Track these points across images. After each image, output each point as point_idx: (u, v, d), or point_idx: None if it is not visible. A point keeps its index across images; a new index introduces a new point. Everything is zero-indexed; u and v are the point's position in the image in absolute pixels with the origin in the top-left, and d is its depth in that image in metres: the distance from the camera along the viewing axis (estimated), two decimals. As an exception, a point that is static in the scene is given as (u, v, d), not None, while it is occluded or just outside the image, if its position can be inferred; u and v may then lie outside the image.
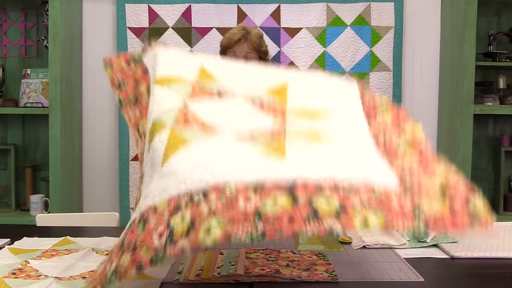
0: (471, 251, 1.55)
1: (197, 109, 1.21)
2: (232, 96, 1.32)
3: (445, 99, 3.00)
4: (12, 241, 1.63)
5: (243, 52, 2.07)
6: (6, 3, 3.12)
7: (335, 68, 3.01)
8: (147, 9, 3.02)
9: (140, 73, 1.46)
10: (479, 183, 3.14)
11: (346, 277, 1.29)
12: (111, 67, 1.47)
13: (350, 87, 1.47)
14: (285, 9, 3.03)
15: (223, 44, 2.13)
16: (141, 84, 1.43)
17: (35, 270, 1.32)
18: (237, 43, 2.08)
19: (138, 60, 1.48)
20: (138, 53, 1.51)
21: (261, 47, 2.12)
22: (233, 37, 2.08)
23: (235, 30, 2.12)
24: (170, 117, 1.17)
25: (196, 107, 1.22)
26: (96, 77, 3.11)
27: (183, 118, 1.17)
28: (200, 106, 1.23)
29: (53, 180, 2.79)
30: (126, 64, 1.47)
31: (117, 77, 1.46)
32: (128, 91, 1.44)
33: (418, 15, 3.06)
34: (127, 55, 1.50)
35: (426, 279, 1.31)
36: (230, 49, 2.09)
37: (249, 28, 2.13)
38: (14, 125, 3.17)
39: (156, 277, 1.26)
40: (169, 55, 1.47)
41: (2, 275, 1.28)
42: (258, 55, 2.12)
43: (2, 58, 3.14)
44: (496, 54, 2.97)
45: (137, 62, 1.48)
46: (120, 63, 1.47)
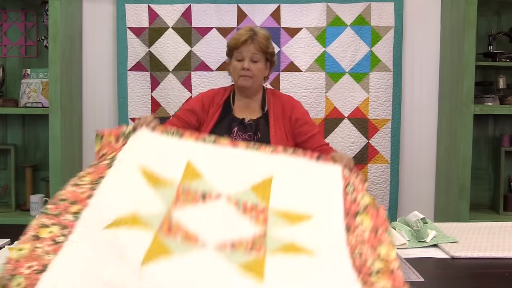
0: (471, 251, 1.55)
1: (181, 217, 1.27)
2: (217, 198, 1.39)
3: (445, 99, 3.00)
4: (12, 241, 1.63)
5: (250, 53, 2.06)
6: (6, 3, 3.12)
7: (335, 68, 3.01)
8: (147, 9, 3.02)
9: (120, 145, 1.59)
10: (479, 183, 3.16)
11: (346, 277, 1.29)
12: (101, 139, 1.62)
13: (334, 180, 1.53)
14: (285, 9, 3.02)
15: (230, 45, 2.12)
16: (112, 153, 1.57)
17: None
18: (244, 44, 2.06)
19: (126, 136, 1.62)
20: (128, 130, 1.64)
21: (268, 49, 2.11)
22: (240, 38, 2.07)
23: (242, 31, 2.10)
24: (154, 222, 1.22)
25: (180, 215, 1.28)
26: (96, 77, 3.11)
27: (167, 226, 1.23)
28: (184, 214, 1.29)
29: (53, 180, 2.79)
30: (115, 140, 1.61)
31: (104, 150, 1.60)
32: (102, 160, 1.58)
33: (418, 15, 3.06)
34: (119, 131, 1.63)
35: (426, 279, 1.31)
36: (237, 49, 2.08)
37: (256, 29, 2.12)
38: (14, 125, 3.17)
39: None
40: (159, 143, 1.60)
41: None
42: (265, 57, 2.11)
43: (2, 58, 3.14)
44: (496, 54, 2.97)
45: (125, 137, 1.62)
46: (110, 138, 1.62)
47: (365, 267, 1.24)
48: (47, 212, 1.30)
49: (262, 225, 1.33)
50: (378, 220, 1.40)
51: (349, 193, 1.50)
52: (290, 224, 1.36)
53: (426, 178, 3.12)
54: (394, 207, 3.06)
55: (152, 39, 3.01)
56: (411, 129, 3.11)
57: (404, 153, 3.11)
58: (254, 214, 1.37)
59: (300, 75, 3.01)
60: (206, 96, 2.22)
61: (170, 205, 1.32)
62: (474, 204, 2.95)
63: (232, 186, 1.46)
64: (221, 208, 1.36)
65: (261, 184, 1.47)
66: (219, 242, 1.22)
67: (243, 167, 1.53)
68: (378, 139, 3.04)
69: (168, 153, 1.56)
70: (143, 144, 1.59)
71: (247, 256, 1.18)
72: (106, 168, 1.49)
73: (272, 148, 1.63)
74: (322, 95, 3.02)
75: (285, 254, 1.22)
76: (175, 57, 3.01)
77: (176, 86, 3.01)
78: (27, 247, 1.17)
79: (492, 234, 1.75)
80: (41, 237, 1.20)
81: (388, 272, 1.24)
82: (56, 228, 1.23)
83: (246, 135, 2.07)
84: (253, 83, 2.10)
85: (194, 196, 1.38)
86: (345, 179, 1.55)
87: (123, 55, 3.02)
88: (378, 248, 1.30)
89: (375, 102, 3.03)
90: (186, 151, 1.57)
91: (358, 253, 1.27)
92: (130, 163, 1.49)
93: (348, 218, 1.40)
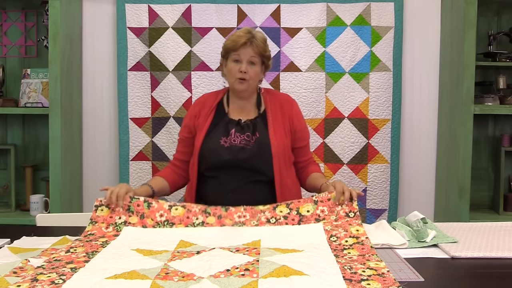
0: (471, 251, 1.55)
1: (177, 266, 1.37)
2: (211, 250, 1.50)
3: (445, 99, 3.00)
4: (12, 241, 1.63)
5: (248, 56, 2.05)
6: (6, 3, 3.12)
7: (335, 68, 3.02)
8: (147, 9, 3.02)
9: (111, 234, 1.69)
10: (479, 183, 3.16)
11: (346, 277, 1.29)
12: (94, 224, 1.75)
13: (318, 233, 1.66)
14: (285, 9, 3.02)
15: (227, 46, 2.09)
16: (103, 238, 1.66)
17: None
18: (243, 46, 2.04)
19: (118, 227, 1.74)
20: (120, 222, 1.75)
21: (265, 52, 2.11)
22: (239, 40, 2.04)
23: (241, 33, 2.08)
24: (151, 274, 1.30)
25: (176, 265, 1.38)
26: (96, 77, 3.11)
27: (164, 273, 1.31)
28: (180, 263, 1.39)
29: (53, 180, 2.80)
30: (105, 227, 1.74)
31: (92, 232, 1.71)
32: (90, 238, 1.67)
33: (418, 15, 3.06)
34: (111, 221, 1.76)
35: (426, 279, 1.31)
36: (235, 52, 2.06)
37: (254, 32, 2.10)
38: (14, 125, 3.17)
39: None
40: (150, 234, 1.70)
41: (3, 274, 1.29)
42: (262, 60, 2.11)
43: (2, 58, 3.14)
44: (496, 54, 2.97)
45: (116, 228, 1.73)
46: (102, 224, 1.75)
47: (356, 275, 1.30)
48: (44, 267, 1.37)
49: (255, 256, 1.44)
50: (365, 251, 1.50)
51: (332, 242, 1.61)
52: (282, 253, 1.47)
53: (426, 178, 3.13)
54: (394, 207, 3.06)
55: (152, 39, 3.01)
56: (411, 129, 3.11)
57: (404, 153, 3.11)
58: (246, 251, 1.49)
59: (300, 75, 3.01)
60: (197, 103, 2.23)
61: (167, 261, 1.42)
62: (474, 204, 2.95)
63: (225, 244, 1.59)
64: (216, 253, 1.47)
65: (251, 244, 1.59)
66: (214, 273, 1.29)
67: (232, 238, 1.65)
68: (378, 139, 3.04)
69: (160, 238, 1.67)
70: (135, 235, 1.69)
71: (240, 282, 1.24)
72: (100, 247, 1.57)
73: (256, 222, 1.75)
74: (322, 95, 3.02)
75: (277, 277, 1.27)
76: (175, 57, 3.01)
77: (176, 86, 3.02)
78: (26, 285, 1.23)
79: (492, 234, 1.75)
80: (40, 279, 1.27)
81: (378, 276, 1.29)
82: (54, 275, 1.31)
83: (244, 136, 2.06)
84: (249, 86, 2.09)
85: (189, 254, 1.49)
86: (327, 232, 1.67)
87: (123, 55, 3.03)
88: (367, 262, 1.40)
89: (375, 102, 3.03)
90: (178, 235, 1.69)
91: (348, 267, 1.36)
92: (123, 246, 1.57)
93: (335, 252, 1.51)
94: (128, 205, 1.80)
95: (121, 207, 1.78)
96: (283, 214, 1.77)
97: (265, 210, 1.78)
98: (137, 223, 1.76)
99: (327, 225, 1.71)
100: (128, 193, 1.82)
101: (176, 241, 1.62)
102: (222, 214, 1.78)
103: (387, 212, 3.06)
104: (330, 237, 1.63)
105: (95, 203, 1.81)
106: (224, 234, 1.68)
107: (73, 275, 1.30)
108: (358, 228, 1.66)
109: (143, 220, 1.77)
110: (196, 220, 1.76)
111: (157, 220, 1.77)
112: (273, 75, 3.00)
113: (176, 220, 1.76)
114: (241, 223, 1.75)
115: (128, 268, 1.34)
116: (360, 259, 1.43)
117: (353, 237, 1.60)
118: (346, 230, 1.66)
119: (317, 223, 1.73)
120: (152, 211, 1.79)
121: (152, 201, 1.81)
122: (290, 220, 1.75)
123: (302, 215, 1.76)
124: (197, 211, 1.78)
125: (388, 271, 1.32)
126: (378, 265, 1.38)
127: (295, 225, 1.73)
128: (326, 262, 1.39)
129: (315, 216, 1.76)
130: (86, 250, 1.51)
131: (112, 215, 1.77)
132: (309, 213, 1.76)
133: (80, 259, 1.43)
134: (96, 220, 1.76)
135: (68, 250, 1.51)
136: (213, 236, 1.66)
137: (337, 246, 1.55)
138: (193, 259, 1.43)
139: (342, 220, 1.72)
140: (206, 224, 1.75)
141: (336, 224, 1.71)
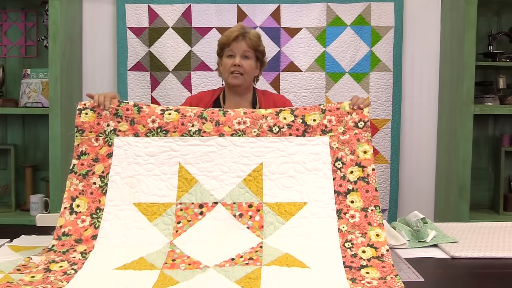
0: (471, 251, 1.55)
1: (183, 246, 1.35)
2: (213, 206, 1.46)
3: (445, 99, 3.00)
4: (12, 240, 1.63)
5: (241, 50, 2.07)
6: (6, 3, 3.12)
7: (335, 68, 3.01)
8: (147, 9, 3.02)
9: (103, 153, 1.60)
10: (479, 183, 3.16)
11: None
12: (81, 134, 1.61)
13: (322, 158, 1.55)
14: (285, 9, 3.02)
15: (221, 41, 2.13)
16: (98, 165, 1.58)
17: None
18: (235, 40, 2.07)
19: (108, 140, 1.61)
20: (109, 130, 1.63)
21: (259, 46, 2.12)
22: (231, 35, 2.07)
23: (233, 28, 2.12)
24: (158, 261, 1.29)
25: (182, 244, 1.36)
26: (96, 77, 3.11)
27: (171, 261, 1.30)
28: (186, 241, 1.36)
29: (53, 180, 2.79)
30: (95, 139, 1.62)
31: (82, 147, 1.61)
32: (84, 163, 1.60)
33: (418, 15, 3.06)
34: (99, 128, 1.63)
35: (426, 279, 1.31)
36: (228, 46, 2.08)
37: (247, 28, 2.13)
38: (14, 125, 3.17)
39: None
40: (145, 155, 1.59)
41: (7, 271, 1.29)
42: (256, 55, 2.12)
43: (2, 58, 3.14)
44: (496, 54, 2.97)
45: (107, 141, 1.62)
46: (90, 134, 1.62)
47: (356, 258, 1.29)
48: (54, 249, 1.37)
49: (259, 231, 1.40)
50: (368, 195, 1.45)
51: (338, 168, 1.52)
52: (286, 220, 1.42)
53: (426, 178, 3.12)
54: (394, 207, 3.06)
55: (152, 39, 3.01)
56: (411, 129, 3.11)
57: (404, 153, 3.11)
58: (250, 220, 1.42)
59: (300, 75, 3.01)
60: (194, 98, 2.24)
61: (172, 236, 1.39)
62: (474, 204, 2.95)
63: (225, 186, 1.49)
64: (219, 219, 1.42)
65: (253, 175, 1.50)
66: (220, 262, 1.28)
67: (232, 160, 1.54)
68: (378, 139, 3.04)
69: (158, 163, 1.57)
70: (130, 160, 1.59)
71: (244, 271, 1.24)
72: (101, 195, 1.53)
73: (258, 131, 1.60)
74: (322, 95, 3.02)
75: (280, 266, 1.26)
76: (175, 57, 3.01)
77: (176, 86, 3.01)
78: (39, 276, 1.23)
79: (492, 234, 1.75)
80: (52, 270, 1.27)
81: (377, 259, 1.29)
82: (65, 263, 1.30)
83: None
84: (244, 81, 2.10)
85: (192, 212, 1.44)
86: (333, 153, 1.56)
87: (123, 55, 3.03)
88: (369, 232, 1.37)
89: (375, 102, 3.03)
90: (175, 153, 1.58)
91: (349, 246, 1.34)
92: (123, 193, 1.52)
93: (339, 201, 1.44)
94: (116, 108, 1.65)
95: (108, 111, 1.64)
96: (287, 121, 1.62)
97: (267, 115, 1.63)
98: (128, 131, 1.62)
99: (333, 141, 1.58)
100: (116, 97, 1.70)
101: (175, 168, 1.54)
102: (220, 119, 1.64)
103: (387, 212, 3.06)
104: (335, 161, 1.54)
105: (78, 106, 1.66)
106: (223, 157, 1.57)
107: (83, 263, 1.30)
108: (365, 149, 1.55)
109: (133, 127, 1.63)
110: (192, 128, 1.62)
111: (149, 127, 1.62)
112: (273, 75, 3.00)
113: (170, 127, 1.62)
114: (241, 131, 1.61)
115: (136, 253, 1.33)
116: (362, 219, 1.42)
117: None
118: (353, 152, 1.54)
119: (323, 136, 1.59)
120: (143, 116, 1.64)
121: (142, 105, 1.66)
122: (294, 130, 1.60)
123: (307, 125, 1.62)
124: (193, 116, 1.64)
125: (388, 250, 1.32)
126: (379, 236, 1.38)
127: (299, 136, 1.60)
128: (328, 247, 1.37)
129: (322, 126, 1.61)
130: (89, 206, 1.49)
131: (99, 121, 1.63)
132: (315, 122, 1.62)
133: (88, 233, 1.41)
134: (83, 127, 1.62)
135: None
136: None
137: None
138: (198, 228, 1.41)
139: (350, 133, 1.59)
140: (203, 133, 1.61)
141: (343, 139, 1.58)
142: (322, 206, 1.46)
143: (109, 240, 1.41)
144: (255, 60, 2.12)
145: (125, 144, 1.60)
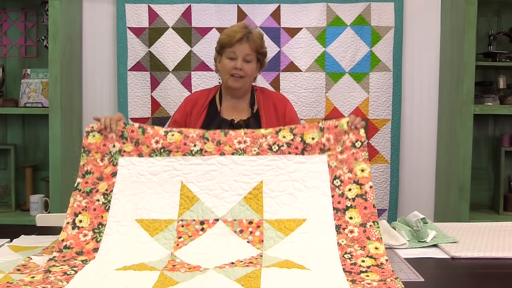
0: (471, 251, 1.55)
1: (183, 256, 1.37)
2: (214, 223, 1.47)
3: (445, 99, 3.00)
4: (12, 241, 1.63)
5: (243, 53, 2.00)
6: (6, 3, 3.12)
7: (335, 68, 3.01)
8: (147, 9, 3.02)
9: (108, 172, 1.63)
10: (479, 183, 3.16)
11: (346, 277, 1.29)
12: (87, 154, 1.65)
13: (321, 175, 1.57)
14: (285, 9, 3.02)
15: (223, 41, 2.04)
16: (102, 183, 1.61)
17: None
18: (239, 42, 1.99)
19: (113, 156, 1.66)
20: (114, 151, 1.67)
21: (261, 48, 2.06)
22: (235, 35, 1.99)
23: (236, 28, 2.02)
24: (159, 266, 1.31)
25: (182, 255, 1.37)
26: (96, 77, 3.11)
27: (171, 265, 1.32)
28: (186, 252, 1.38)
29: (53, 180, 2.79)
30: (100, 159, 1.66)
31: (88, 167, 1.64)
32: (88, 181, 1.62)
33: (418, 15, 3.06)
34: (105, 149, 1.66)
35: (426, 279, 1.31)
36: (230, 48, 2.00)
37: (250, 27, 2.04)
38: (14, 125, 3.17)
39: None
40: (148, 174, 1.62)
41: (7, 271, 1.29)
42: (257, 57, 2.06)
43: (2, 58, 3.14)
44: (496, 54, 2.97)
45: (111, 157, 1.66)
46: (96, 155, 1.65)
47: (355, 266, 1.30)
48: (55, 259, 1.39)
49: (259, 245, 1.42)
50: (367, 212, 1.46)
51: (336, 186, 1.54)
52: (285, 235, 1.44)
53: (426, 178, 3.12)
54: (394, 207, 3.06)
55: (152, 39, 3.01)
56: (411, 129, 3.11)
57: (404, 153, 3.11)
58: (250, 235, 1.45)
59: (300, 75, 3.01)
60: (189, 100, 2.18)
61: (173, 248, 1.41)
62: (474, 204, 2.95)
63: (226, 204, 1.52)
64: (220, 234, 1.44)
65: (253, 193, 1.53)
66: (220, 265, 1.30)
67: (233, 178, 1.58)
68: (378, 139, 3.04)
69: (161, 182, 1.61)
70: (133, 179, 1.62)
71: (244, 271, 1.24)
72: (104, 211, 1.55)
73: (258, 150, 1.64)
74: (322, 95, 3.02)
75: (280, 268, 1.27)
76: (175, 57, 3.01)
77: (176, 86, 3.01)
78: (39, 276, 1.25)
79: (492, 234, 1.75)
80: (53, 271, 1.29)
81: (376, 266, 1.30)
82: (66, 267, 1.33)
83: None
84: (244, 84, 2.05)
85: (194, 228, 1.46)
86: (332, 171, 1.58)
87: (123, 55, 3.02)
88: (368, 245, 1.39)
89: (375, 102, 3.03)
90: (177, 172, 1.62)
91: (348, 256, 1.36)
92: (125, 210, 1.54)
93: (338, 217, 1.46)
94: (122, 131, 1.69)
95: (115, 133, 1.68)
96: (286, 140, 1.65)
97: (267, 135, 1.67)
98: (132, 151, 1.67)
99: (331, 160, 1.61)
100: (122, 120, 1.73)
101: (177, 186, 1.57)
102: (221, 139, 1.67)
103: (387, 212, 3.06)
104: (334, 179, 1.56)
105: (86, 129, 1.71)
106: (223, 175, 1.60)
107: (84, 266, 1.33)
108: (363, 168, 1.58)
109: (138, 148, 1.67)
110: (194, 147, 1.66)
111: (153, 147, 1.67)
112: (273, 75, 3.00)
113: (173, 147, 1.66)
114: (241, 150, 1.64)
115: (136, 260, 1.35)
116: (360, 234, 1.43)
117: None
118: (351, 170, 1.57)
119: (322, 155, 1.62)
120: (147, 137, 1.68)
121: (147, 127, 1.71)
122: (293, 148, 1.64)
123: (306, 143, 1.65)
124: (195, 137, 1.68)
125: (387, 260, 1.32)
126: (378, 249, 1.38)
127: (298, 154, 1.63)
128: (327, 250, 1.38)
129: (320, 145, 1.65)
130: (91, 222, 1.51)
131: (105, 143, 1.67)
132: (314, 140, 1.65)
133: (89, 246, 1.44)
134: (89, 148, 1.67)
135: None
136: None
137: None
138: (199, 242, 1.42)
139: (347, 153, 1.62)
140: (204, 152, 1.65)
141: (342, 158, 1.61)
142: (322, 222, 1.48)
143: (110, 253, 1.43)
144: (256, 62, 2.08)
145: (129, 164, 1.64)
